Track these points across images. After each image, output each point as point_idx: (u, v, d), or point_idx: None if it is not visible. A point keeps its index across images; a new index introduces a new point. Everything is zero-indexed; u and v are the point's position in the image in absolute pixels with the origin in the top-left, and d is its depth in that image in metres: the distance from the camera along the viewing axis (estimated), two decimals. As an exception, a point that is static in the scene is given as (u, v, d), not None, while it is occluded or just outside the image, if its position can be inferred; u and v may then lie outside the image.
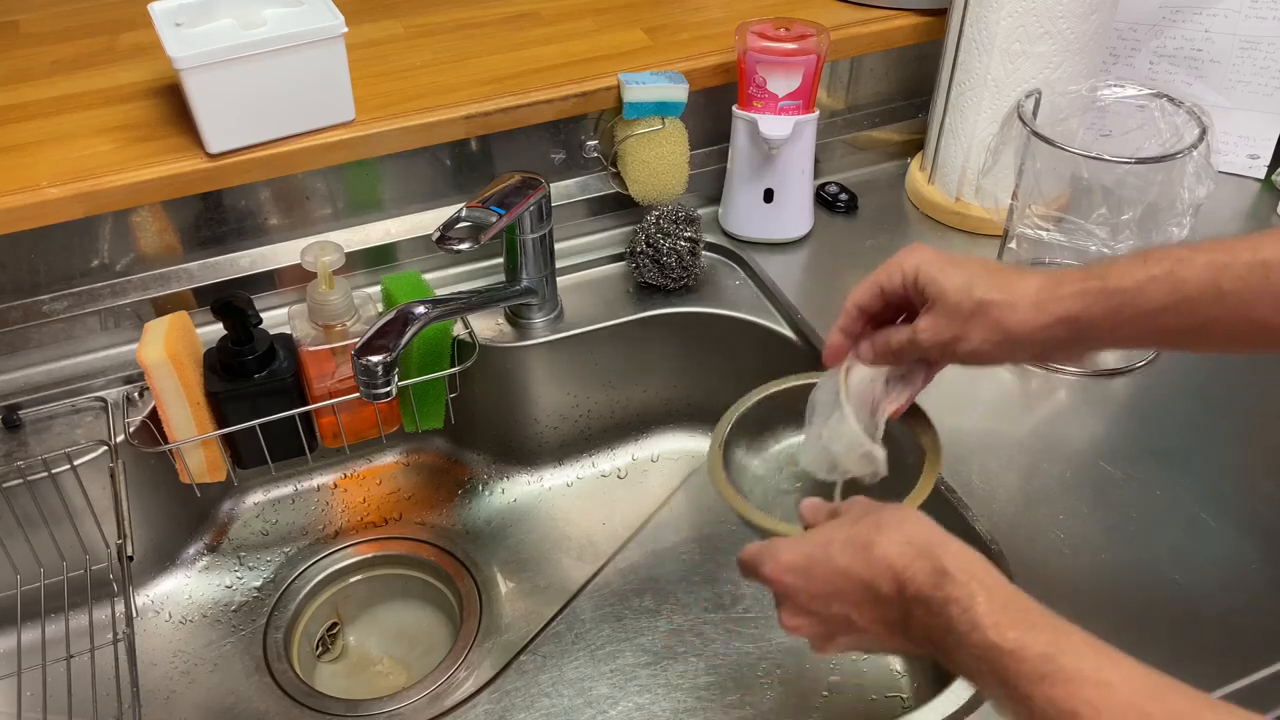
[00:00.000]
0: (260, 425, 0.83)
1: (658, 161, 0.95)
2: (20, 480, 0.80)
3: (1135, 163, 0.80)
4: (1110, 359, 0.88)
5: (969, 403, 0.84)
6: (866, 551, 0.53)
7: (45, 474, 0.80)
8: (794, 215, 1.01)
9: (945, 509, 0.77)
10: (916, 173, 1.08)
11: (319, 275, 0.82)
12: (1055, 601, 0.69)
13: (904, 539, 0.52)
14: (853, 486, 0.68)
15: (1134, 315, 0.55)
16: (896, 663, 0.85)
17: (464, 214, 0.79)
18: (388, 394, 0.73)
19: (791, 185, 0.98)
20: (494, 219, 0.79)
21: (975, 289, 0.59)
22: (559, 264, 0.95)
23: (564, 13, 1.07)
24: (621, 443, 1.05)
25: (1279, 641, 0.67)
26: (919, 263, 0.61)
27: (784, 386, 0.74)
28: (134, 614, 0.77)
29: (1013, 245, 0.91)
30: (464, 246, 0.77)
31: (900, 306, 0.64)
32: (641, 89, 0.93)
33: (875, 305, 0.65)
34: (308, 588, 0.93)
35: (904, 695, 0.83)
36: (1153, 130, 0.85)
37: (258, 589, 0.93)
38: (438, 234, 0.77)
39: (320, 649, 0.93)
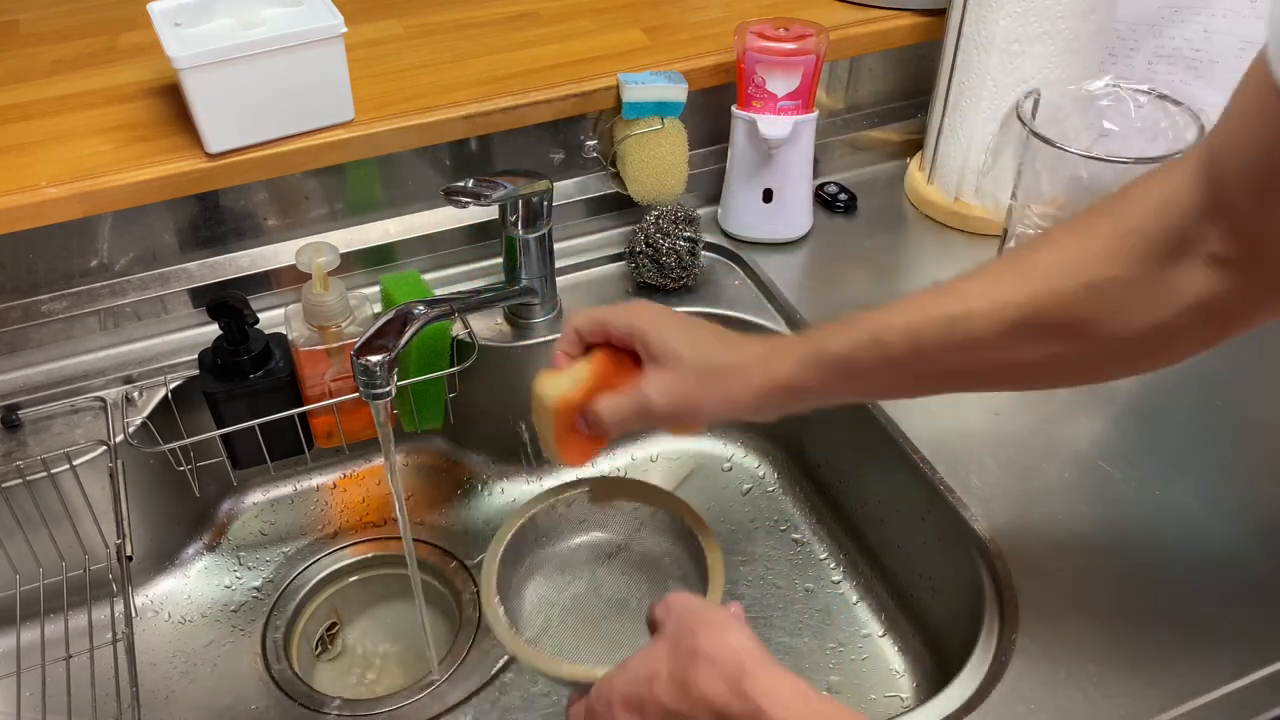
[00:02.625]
0: (259, 425, 0.83)
1: (657, 161, 0.95)
2: (19, 480, 0.80)
3: (1134, 163, 0.80)
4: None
5: (969, 403, 0.84)
6: (686, 691, 0.53)
7: (44, 474, 0.80)
8: (793, 215, 1.01)
9: (945, 509, 0.77)
10: (916, 173, 1.08)
11: (314, 276, 0.82)
12: (1055, 602, 0.69)
13: (718, 675, 0.53)
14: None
15: (848, 378, 0.60)
16: (896, 662, 0.85)
17: (473, 181, 0.80)
18: (387, 394, 0.73)
19: (791, 185, 0.98)
20: (502, 188, 0.81)
21: (710, 355, 0.62)
22: (558, 264, 0.95)
23: (563, 13, 1.07)
24: (620, 442, 1.05)
25: (1279, 641, 0.67)
26: (652, 322, 0.63)
27: (538, 508, 0.75)
28: (133, 614, 0.77)
29: (1012, 245, 0.91)
30: (468, 201, 0.79)
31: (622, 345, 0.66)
32: (641, 89, 0.93)
33: (596, 338, 0.67)
34: (307, 588, 0.93)
35: (903, 695, 0.83)
36: (1152, 130, 0.85)
37: (257, 589, 0.93)
38: (446, 189, 0.79)
39: (319, 649, 0.93)
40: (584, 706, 0.61)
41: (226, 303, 0.81)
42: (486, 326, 0.95)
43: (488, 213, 0.95)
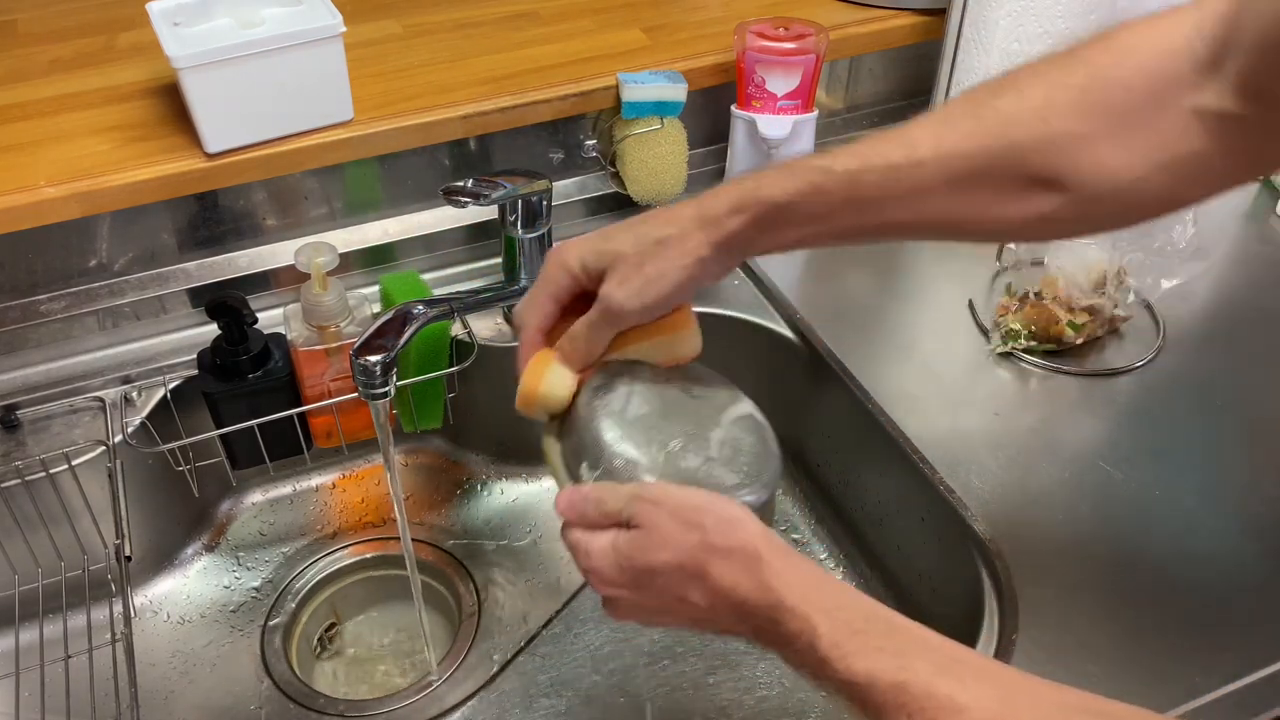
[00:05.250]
0: (258, 425, 0.83)
1: (656, 161, 0.95)
2: (18, 480, 0.80)
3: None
4: (1110, 359, 0.88)
5: (968, 403, 0.84)
6: (702, 581, 0.51)
7: (43, 474, 0.80)
8: (793, 215, 1.01)
9: (945, 509, 0.77)
10: (915, 172, 1.07)
11: (312, 276, 0.82)
12: (1055, 602, 0.69)
13: (737, 567, 0.51)
14: None
15: (787, 224, 0.56)
16: (895, 663, 0.85)
17: (472, 181, 0.80)
18: (386, 394, 0.73)
19: (790, 185, 0.98)
20: (501, 188, 0.81)
21: (648, 234, 0.58)
22: (558, 264, 0.95)
23: (562, 12, 1.07)
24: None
25: (1279, 641, 0.67)
26: (580, 252, 0.60)
27: None
28: (132, 614, 0.77)
29: (1011, 245, 0.91)
30: (467, 200, 0.79)
31: (576, 308, 0.61)
32: (640, 89, 0.93)
33: (554, 319, 0.62)
34: (306, 588, 0.93)
35: (903, 695, 0.83)
36: (1152, 130, 0.85)
37: (256, 589, 0.93)
38: (445, 188, 0.79)
39: (318, 649, 0.93)
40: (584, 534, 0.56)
41: (225, 303, 0.81)
42: (486, 326, 0.95)
43: (487, 212, 0.95)
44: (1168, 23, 0.49)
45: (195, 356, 0.86)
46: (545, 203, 0.86)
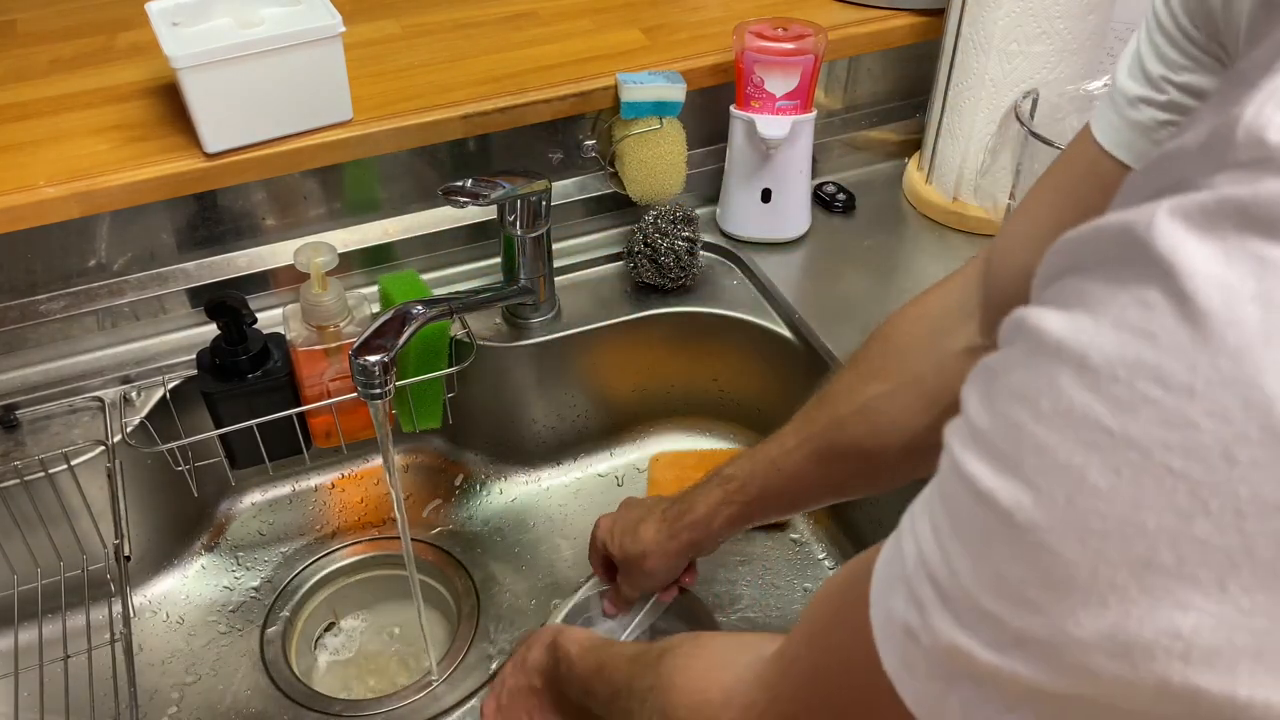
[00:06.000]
0: (257, 425, 0.83)
1: (655, 161, 0.95)
2: (17, 480, 0.80)
3: (1133, 162, 0.80)
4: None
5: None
6: (522, 665, 0.77)
7: (42, 474, 0.80)
8: (792, 215, 1.01)
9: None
10: (914, 172, 1.08)
11: (312, 276, 0.82)
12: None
13: (539, 644, 0.74)
14: None
15: (719, 533, 0.73)
16: (894, 662, 0.85)
17: (471, 181, 0.80)
18: (385, 394, 0.73)
19: (789, 185, 0.98)
20: (500, 188, 0.82)
21: (627, 548, 0.78)
22: (556, 264, 0.95)
23: (562, 12, 1.07)
24: (619, 442, 1.05)
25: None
26: (604, 539, 0.80)
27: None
28: (131, 614, 0.77)
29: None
30: (467, 200, 0.80)
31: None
32: (639, 89, 0.93)
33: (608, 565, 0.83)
34: (305, 588, 0.93)
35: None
36: (1150, 130, 0.85)
37: (255, 589, 0.93)
38: (444, 188, 0.79)
39: (318, 649, 0.93)
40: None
41: (225, 303, 0.81)
42: (485, 326, 0.95)
43: (486, 213, 0.95)
44: (941, 289, 0.60)
45: (194, 356, 0.86)
46: (544, 203, 0.86)
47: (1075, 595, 0.25)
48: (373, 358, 0.71)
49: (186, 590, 0.92)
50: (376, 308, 0.90)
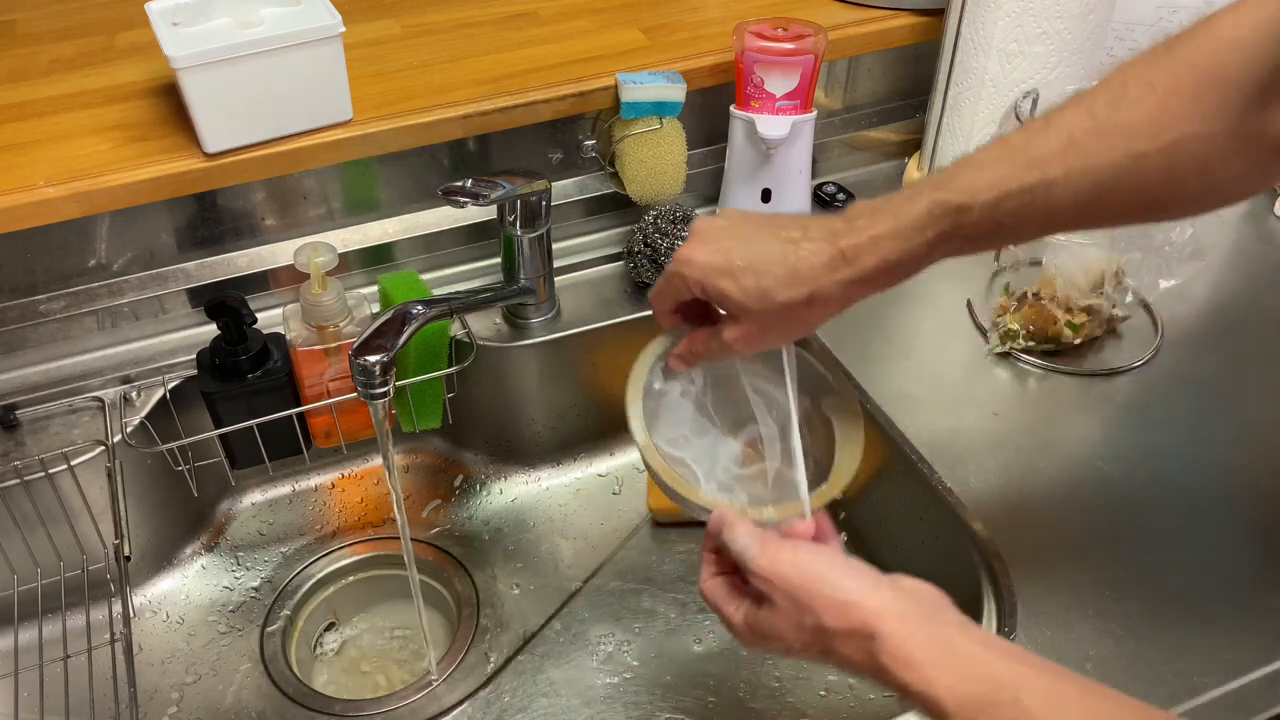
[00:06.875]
0: (257, 425, 0.83)
1: (655, 161, 0.95)
2: (17, 480, 0.80)
3: (1133, 162, 0.80)
4: (1108, 359, 0.88)
5: (967, 403, 0.84)
6: (827, 656, 0.54)
7: (42, 474, 0.80)
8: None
9: (944, 509, 0.77)
10: (914, 172, 1.08)
11: (311, 276, 0.82)
12: (1053, 601, 0.69)
13: (855, 647, 0.52)
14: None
15: (918, 267, 0.57)
16: (894, 663, 0.85)
17: (471, 181, 0.80)
18: (385, 394, 0.73)
19: (789, 185, 0.98)
20: (500, 188, 0.81)
21: (773, 293, 0.58)
22: (556, 264, 0.95)
23: (561, 12, 1.07)
24: (619, 443, 1.05)
25: (1278, 641, 0.67)
26: (700, 277, 0.60)
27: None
28: (131, 614, 0.77)
29: (1010, 245, 0.91)
30: (466, 200, 0.79)
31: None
32: (639, 89, 0.93)
33: (682, 307, 0.65)
34: (305, 588, 0.93)
35: (902, 695, 0.83)
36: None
37: (255, 589, 0.93)
38: (444, 189, 0.79)
39: (317, 649, 0.93)
40: (729, 607, 0.59)
41: (224, 302, 0.81)
42: (485, 326, 0.95)
43: (486, 213, 0.95)
44: (1262, 9, 0.49)
45: (194, 356, 0.86)
46: (544, 203, 0.86)
47: None
48: (373, 358, 0.71)
49: (186, 590, 0.92)
50: (376, 308, 0.90)
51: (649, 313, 0.97)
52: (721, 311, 0.63)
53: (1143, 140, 0.51)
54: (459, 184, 0.79)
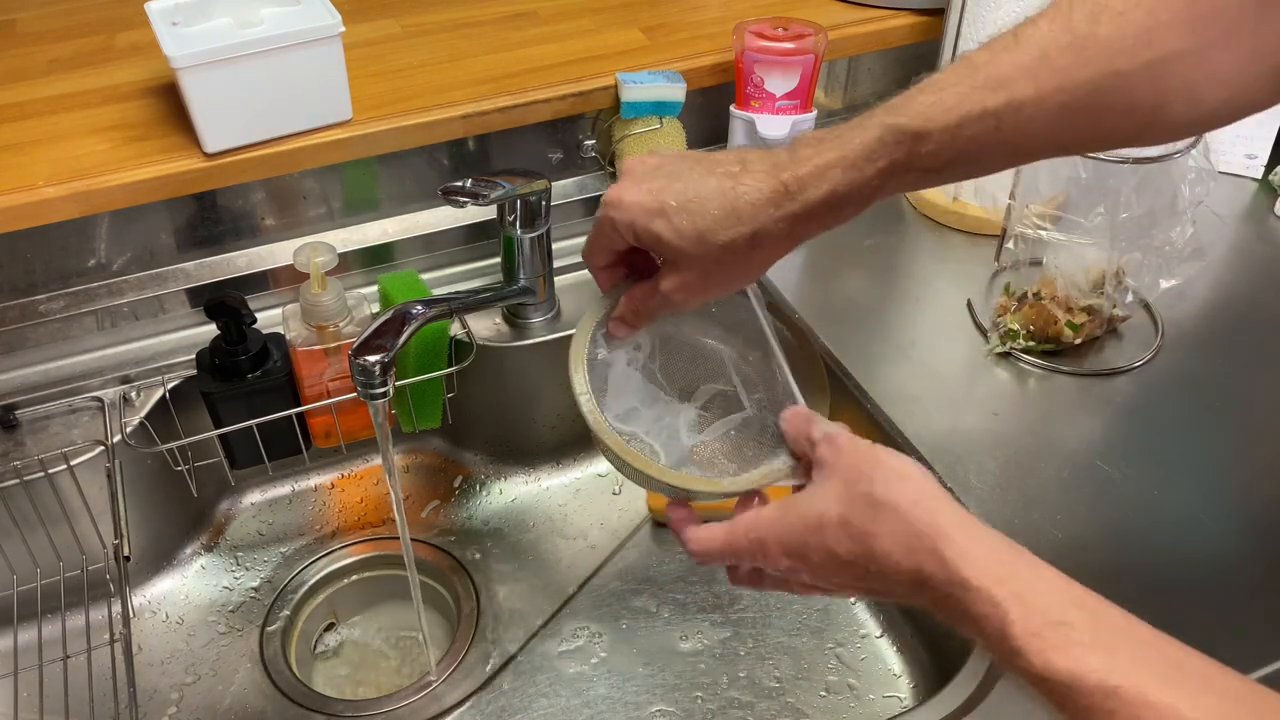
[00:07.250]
0: (257, 425, 0.83)
1: (655, 161, 0.95)
2: (16, 480, 0.80)
3: (1133, 162, 0.80)
4: (1109, 359, 0.88)
5: (967, 403, 0.84)
6: (867, 545, 0.48)
7: (42, 474, 0.80)
8: (792, 215, 1.01)
9: (943, 509, 0.77)
10: (914, 172, 1.07)
11: (311, 276, 0.82)
12: (1053, 601, 0.69)
13: (907, 533, 0.46)
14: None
15: (863, 191, 0.52)
16: (894, 663, 0.85)
17: (471, 181, 0.80)
18: (385, 394, 0.73)
19: (789, 185, 0.98)
20: (500, 188, 0.81)
21: (711, 234, 0.52)
22: (556, 264, 0.95)
23: (561, 12, 1.07)
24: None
25: (1278, 641, 0.67)
26: (632, 220, 0.54)
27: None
28: (131, 614, 0.77)
29: (1010, 245, 0.91)
30: (466, 200, 0.79)
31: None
32: (639, 88, 0.93)
33: (618, 259, 0.60)
34: (305, 588, 0.93)
35: (902, 696, 0.83)
36: (1150, 130, 0.85)
37: (255, 589, 0.93)
38: (443, 188, 0.79)
39: (317, 649, 0.93)
40: (726, 538, 0.54)
41: (224, 302, 0.81)
42: (484, 326, 0.95)
43: (486, 212, 0.95)
44: None
45: (194, 356, 0.86)
46: (544, 203, 0.86)
47: None
48: (372, 358, 0.71)
49: (186, 590, 0.92)
50: (376, 308, 0.90)
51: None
52: (660, 262, 0.58)
53: (1124, 57, 0.47)
54: (459, 184, 0.79)
